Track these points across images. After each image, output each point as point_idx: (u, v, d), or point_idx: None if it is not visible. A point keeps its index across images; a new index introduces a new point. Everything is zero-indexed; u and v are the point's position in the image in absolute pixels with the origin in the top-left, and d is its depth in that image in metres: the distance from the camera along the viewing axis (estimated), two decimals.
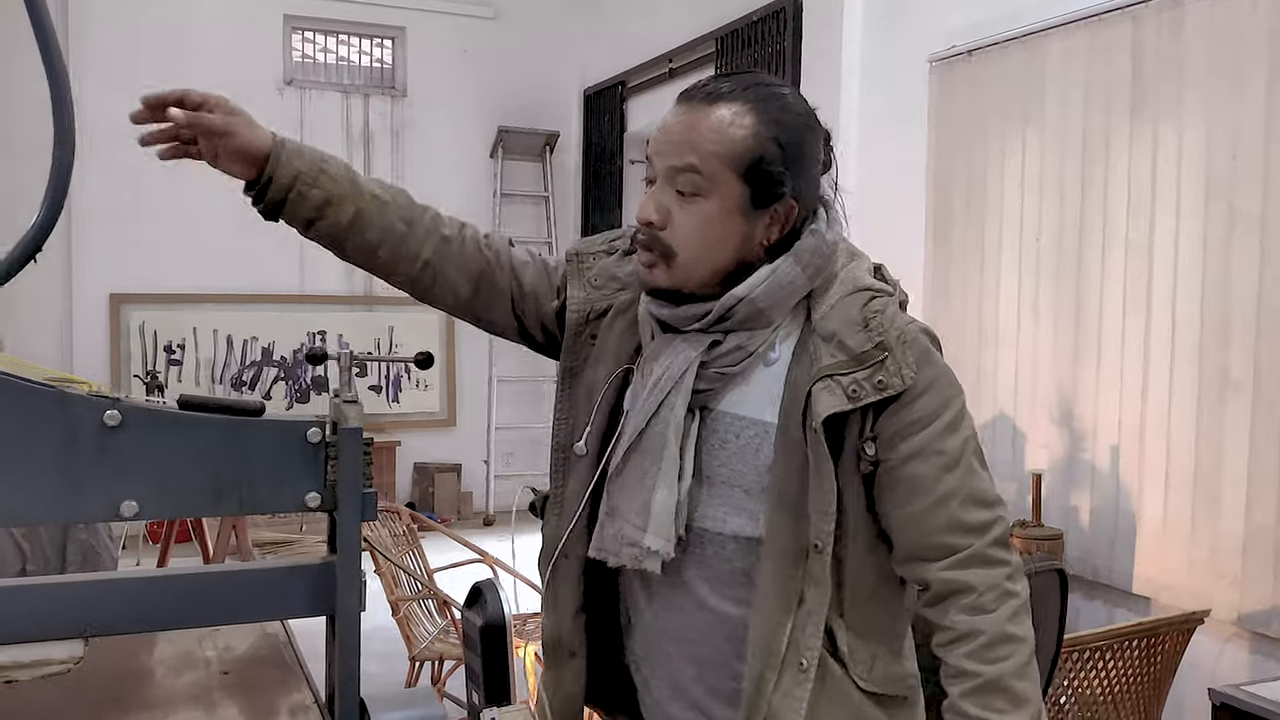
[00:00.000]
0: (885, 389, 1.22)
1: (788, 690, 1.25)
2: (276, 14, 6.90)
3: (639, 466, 1.31)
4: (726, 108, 1.25)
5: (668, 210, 1.27)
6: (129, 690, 1.41)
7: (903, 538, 1.27)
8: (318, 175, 1.34)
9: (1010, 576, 1.24)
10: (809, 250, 1.29)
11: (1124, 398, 3.32)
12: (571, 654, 1.42)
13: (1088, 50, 3.47)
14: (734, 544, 1.31)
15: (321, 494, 1.28)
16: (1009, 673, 1.20)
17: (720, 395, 1.31)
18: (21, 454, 1.16)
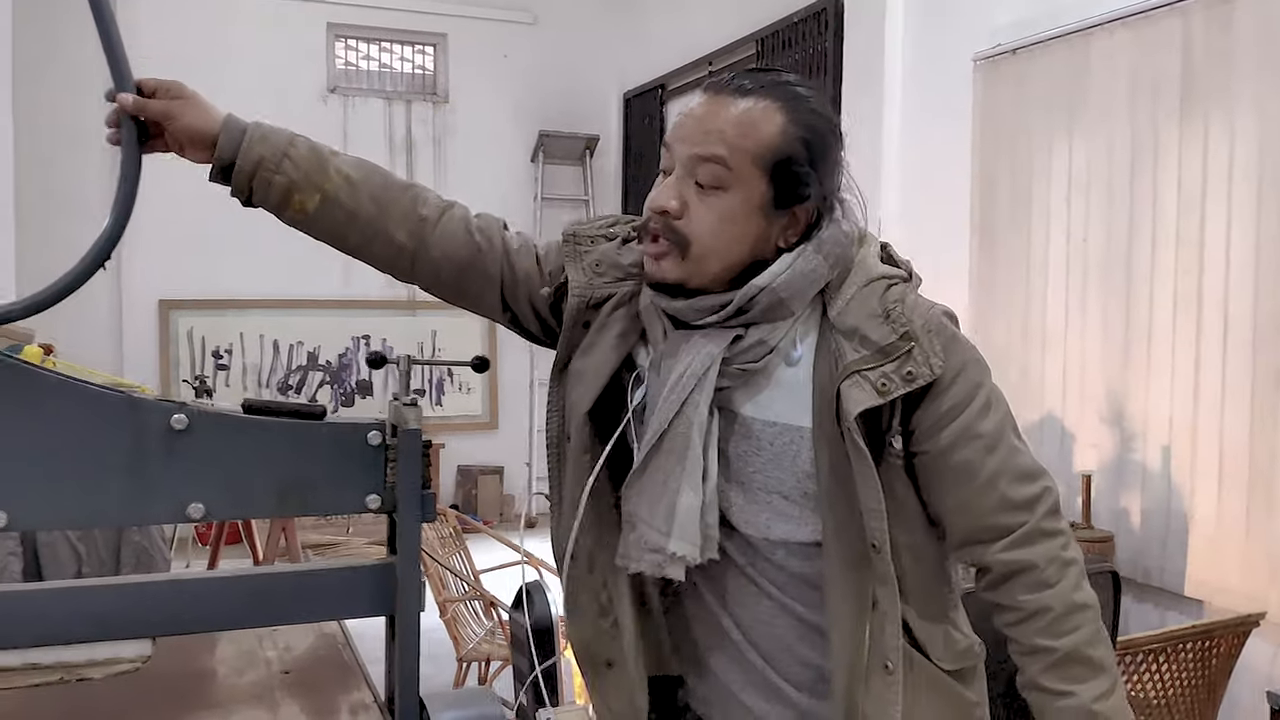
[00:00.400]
0: (914, 380, 1.20)
1: (879, 695, 1.24)
2: (320, 23, 6.99)
3: (661, 469, 1.26)
4: (756, 102, 1.23)
5: (685, 200, 1.23)
6: (193, 689, 1.44)
7: (957, 523, 1.26)
8: (280, 160, 1.33)
9: (1065, 545, 1.23)
10: (830, 240, 1.26)
11: (1175, 396, 3.28)
12: (609, 664, 1.39)
13: (1134, 46, 3.43)
14: (784, 549, 1.30)
15: (381, 495, 1.30)
16: (1083, 642, 1.20)
17: (744, 395, 1.28)
18: (92, 458, 1.19)
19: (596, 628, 1.38)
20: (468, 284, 1.40)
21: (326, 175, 1.34)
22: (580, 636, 1.40)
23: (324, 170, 1.34)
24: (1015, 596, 1.22)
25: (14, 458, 1.16)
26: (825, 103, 1.30)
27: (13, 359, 1.18)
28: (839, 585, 1.25)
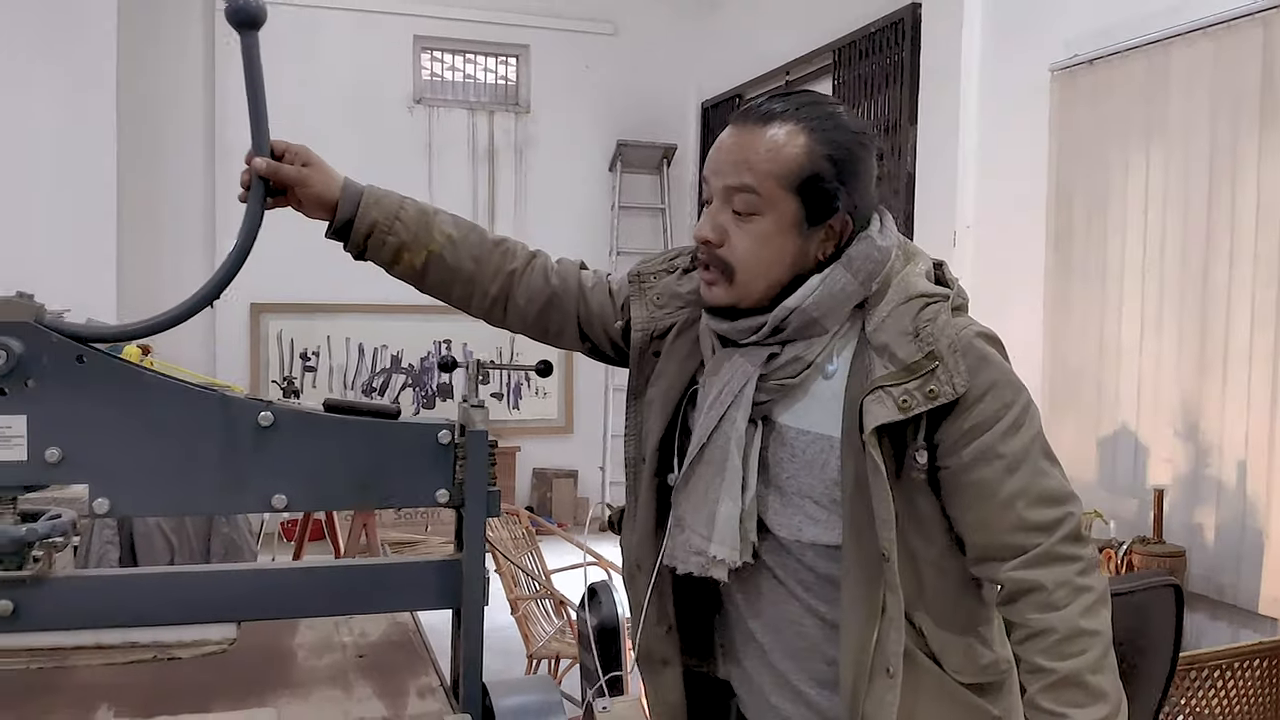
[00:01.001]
0: (936, 398, 1.24)
1: (879, 698, 1.29)
2: (406, 35, 7.18)
3: (703, 478, 1.35)
4: (779, 127, 1.29)
5: (725, 229, 1.31)
6: (275, 670, 1.54)
7: (973, 539, 1.30)
8: (393, 223, 1.46)
9: (1082, 571, 1.25)
10: (860, 257, 1.31)
11: (1252, 412, 3.24)
12: (664, 663, 1.48)
13: (1214, 58, 3.39)
14: (812, 551, 1.36)
15: (450, 490, 1.39)
16: (1084, 668, 1.22)
17: (782, 406, 1.35)
18: (186, 451, 1.30)
19: (656, 631, 1.47)
20: (549, 323, 1.54)
21: (432, 236, 1.48)
22: (644, 638, 1.48)
23: (429, 232, 1.48)
24: (1023, 615, 1.26)
25: (116, 449, 1.27)
26: (850, 118, 1.34)
27: (116, 358, 1.30)
28: (853, 589, 1.31)
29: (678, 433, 1.43)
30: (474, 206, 7.36)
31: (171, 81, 6.67)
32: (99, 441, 1.26)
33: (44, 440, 1.24)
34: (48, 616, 1.28)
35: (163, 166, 6.67)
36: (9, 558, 1.26)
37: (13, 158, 5.91)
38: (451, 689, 1.48)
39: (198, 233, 6.81)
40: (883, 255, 1.32)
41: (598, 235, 7.51)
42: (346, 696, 1.45)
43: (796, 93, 1.36)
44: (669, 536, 1.41)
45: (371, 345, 7.14)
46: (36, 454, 1.24)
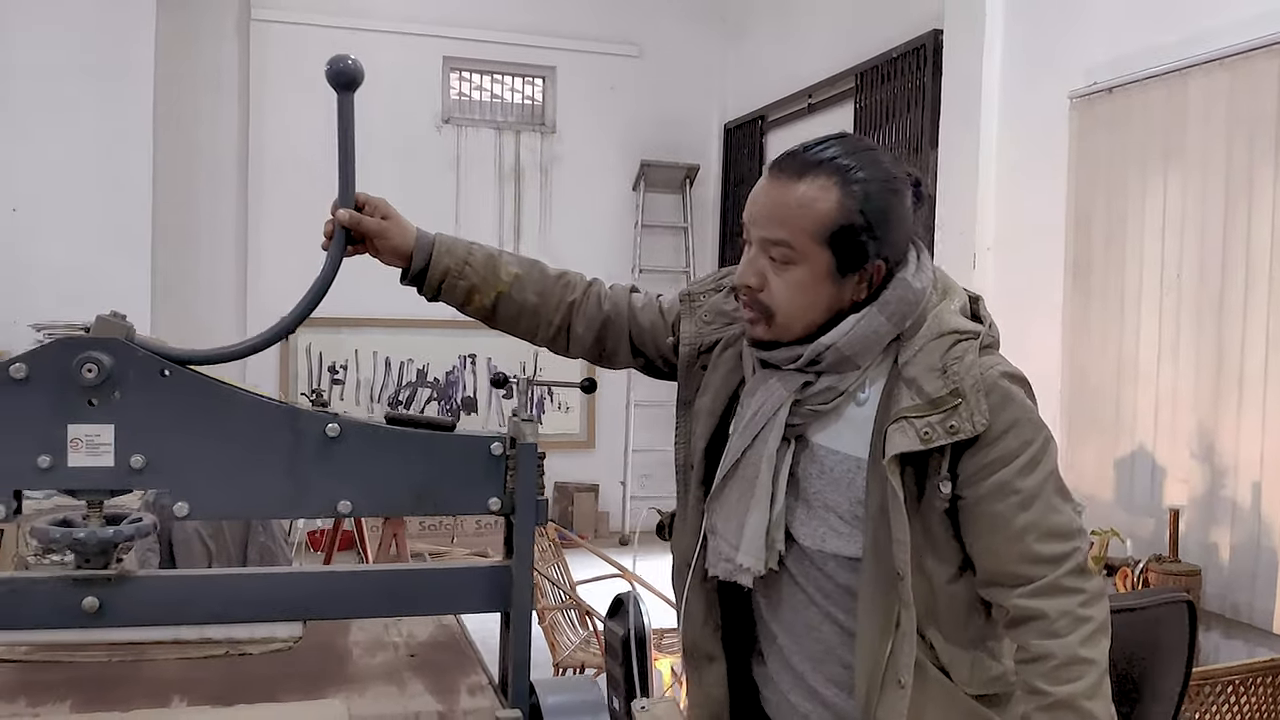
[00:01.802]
0: (956, 433, 1.31)
1: (890, 705, 1.37)
2: (436, 55, 7.32)
3: (735, 490, 1.45)
4: (813, 181, 1.36)
5: (764, 275, 1.39)
6: (332, 667, 1.63)
7: (982, 565, 1.38)
8: (463, 269, 1.58)
9: (1085, 603, 1.32)
10: (894, 300, 1.39)
11: (1267, 434, 3.30)
12: (710, 658, 1.57)
13: (1231, 87, 3.47)
14: (834, 561, 1.44)
15: (501, 499, 1.48)
16: (1079, 693, 1.29)
17: (817, 427, 1.44)
18: (258, 458, 1.40)
19: (703, 630, 1.56)
20: (604, 345, 1.66)
21: (499, 278, 1.61)
22: (690, 635, 1.58)
23: (497, 274, 1.61)
24: (1025, 639, 1.34)
25: (195, 456, 1.37)
26: (884, 162, 1.41)
27: (196, 373, 1.40)
28: (869, 602, 1.39)
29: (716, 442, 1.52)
30: (500, 224, 7.48)
31: (207, 96, 6.82)
32: (179, 449, 1.36)
33: (130, 448, 1.34)
34: (130, 613, 1.37)
35: (197, 179, 6.81)
36: (95, 557, 1.36)
37: (53, 170, 6.05)
38: (499, 687, 1.57)
39: (230, 245, 6.96)
40: (916, 296, 1.40)
41: (621, 253, 7.62)
42: (401, 693, 1.54)
43: (833, 140, 1.42)
44: (705, 543, 1.51)
45: (398, 359, 7.26)
46: (123, 461, 1.34)
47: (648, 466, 7.62)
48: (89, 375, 1.32)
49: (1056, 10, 4.34)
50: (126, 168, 6.19)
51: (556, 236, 7.57)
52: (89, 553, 1.35)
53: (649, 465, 7.63)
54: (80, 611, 1.35)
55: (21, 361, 1.32)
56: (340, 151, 1.52)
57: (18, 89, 6.00)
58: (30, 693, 1.46)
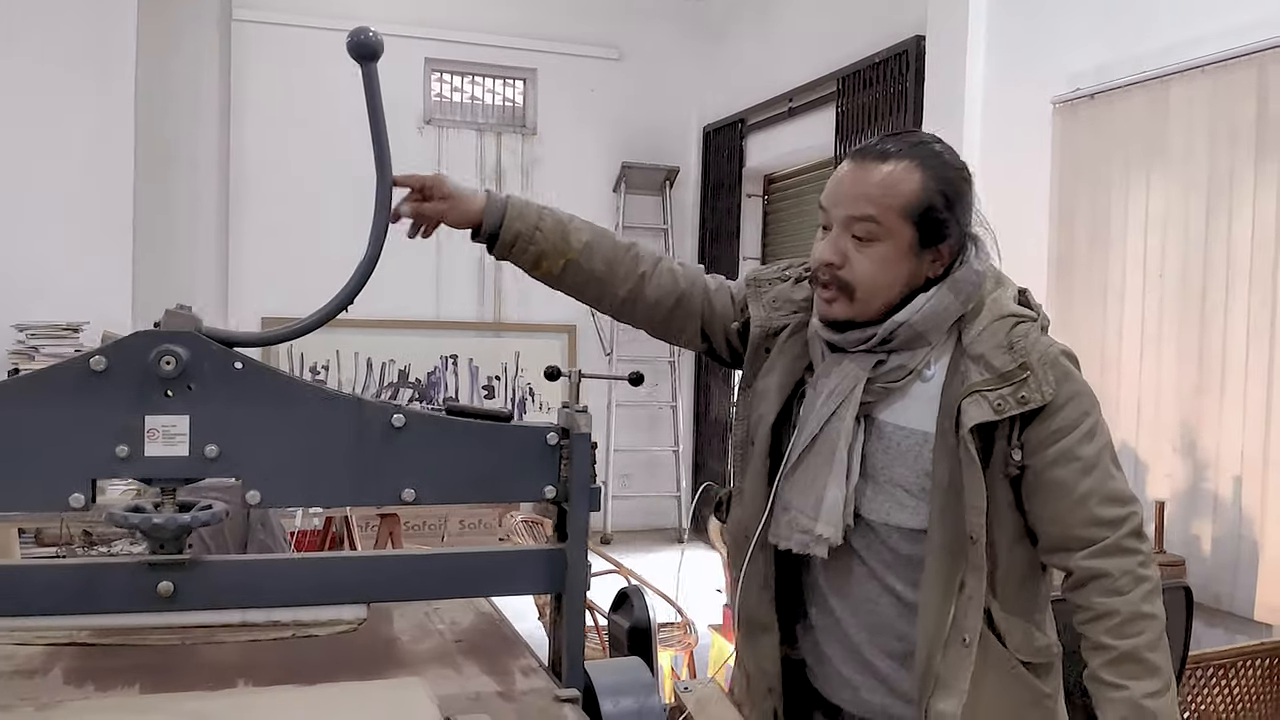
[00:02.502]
0: (1027, 403, 1.42)
1: (953, 662, 1.46)
2: (418, 57, 7.35)
3: (812, 466, 1.53)
4: (896, 164, 1.47)
5: (846, 253, 1.49)
6: (383, 652, 1.68)
7: (1048, 530, 1.47)
8: (533, 233, 1.65)
9: (1143, 563, 1.43)
10: (963, 279, 1.50)
11: (1247, 429, 3.42)
12: (764, 628, 1.65)
13: (1211, 94, 3.59)
14: (898, 534, 1.53)
15: (556, 487, 1.54)
16: (1143, 646, 1.39)
17: (883, 406, 1.53)
18: (327, 449, 1.45)
19: (760, 598, 1.64)
20: (674, 321, 1.71)
21: (569, 245, 1.67)
22: (746, 605, 1.66)
23: (566, 240, 1.67)
24: (1089, 599, 1.43)
25: (266, 446, 1.42)
26: (953, 155, 1.54)
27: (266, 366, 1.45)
28: (935, 567, 1.48)
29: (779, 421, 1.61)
30: None
31: (188, 95, 6.80)
32: (251, 439, 1.41)
33: (203, 438, 1.39)
34: (202, 597, 1.42)
35: (178, 178, 6.79)
36: (170, 543, 1.41)
37: (31, 166, 6.01)
38: (550, 669, 1.62)
39: (211, 244, 6.94)
40: (979, 278, 1.52)
41: None
42: (458, 674, 1.58)
43: (907, 132, 1.56)
44: (773, 517, 1.59)
45: (380, 359, 7.27)
46: (197, 450, 1.39)
47: (629, 466, 7.70)
48: (166, 368, 1.36)
49: (1039, 17, 4.46)
50: (107, 167, 6.16)
51: None
52: (164, 538, 1.40)
53: (630, 465, 7.71)
54: (155, 595, 1.39)
55: (102, 354, 1.36)
56: (371, 123, 1.55)
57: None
58: (97, 677, 1.49)
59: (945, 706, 1.46)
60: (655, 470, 7.84)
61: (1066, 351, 1.50)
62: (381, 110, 1.58)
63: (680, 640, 3.97)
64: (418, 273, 7.21)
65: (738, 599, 1.67)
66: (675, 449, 7.82)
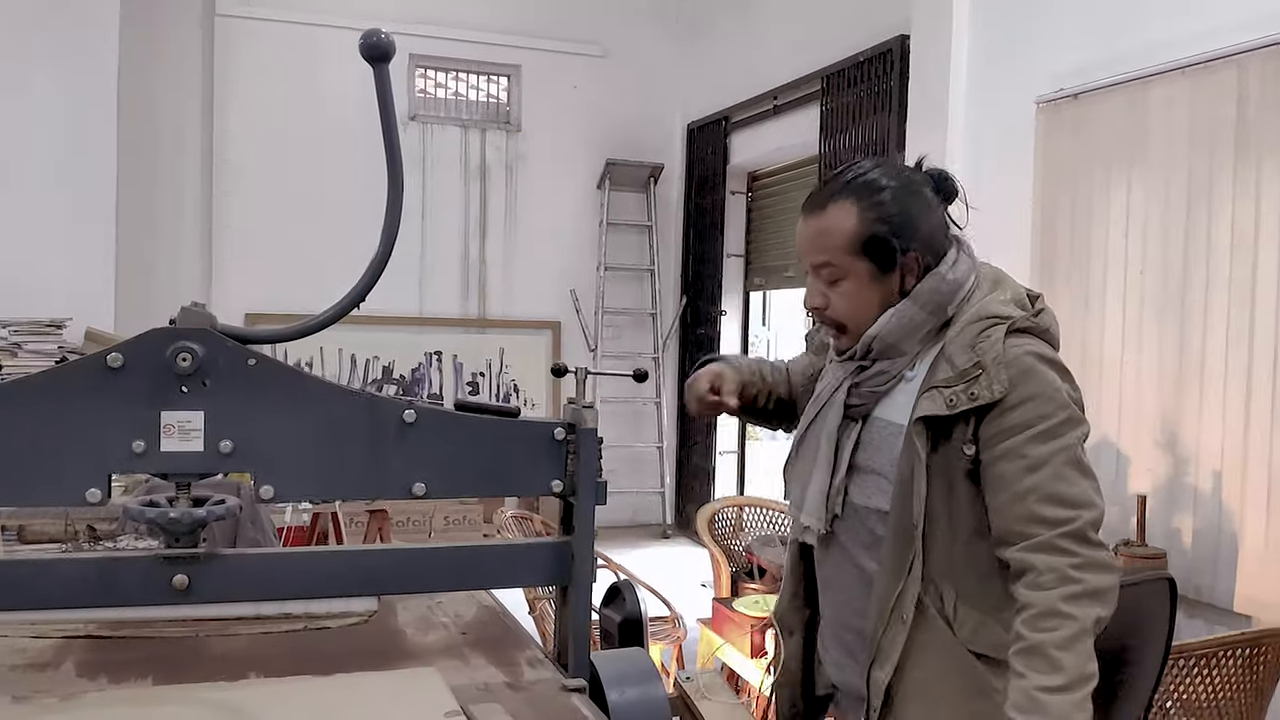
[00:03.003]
0: (976, 399, 1.51)
1: (892, 637, 1.58)
2: (402, 53, 7.31)
3: (804, 460, 1.71)
4: (834, 208, 1.62)
5: (825, 295, 1.66)
6: (391, 645, 1.70)
7: (994, 524, 1.55)
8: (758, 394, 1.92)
9: (1078, 566, 1.45)
10: (926, 291, 1.60)
11: (1227, 425, 3.49)
12: (791, 632, 1.81)
13: (1191, 95, 3.65)
14: (875, 516, 1.64)
15: (563, 481, 1.57)
16: (1050, 642, 1.43)
17: (878, 405, 1.67)
18: (340, 444, 1.47)
19: (790, 605, 1.82)
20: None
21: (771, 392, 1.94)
22: (779, 608, 1.85)
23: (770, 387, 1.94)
24: (1017, 590, 1.50)
25: (279, 442, 1.44)
26: (893, 172, 1.65)
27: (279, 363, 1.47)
28: (889, 547, 1.59)
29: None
30: (466, 222, 7.53)
31: (170, 91, 6.77)
32: (265, 435, 1.43)
33: (218, 433, 1.41)
34: (216, 590, 1.44)
35: (161, 174, 6.77)
36: (185, 537, 1.43)
37: (13, 163, 5.97)
38: (555, 660, 1.65)
39: (195, 240, 6.92)
40: (950, 287, 1.61)
41: (586, 251, 7.71)
42: (466, 665, 1.62)
43: (842, 171, 1.68)
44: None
45: (364, 356, 7.27)
46: (212, 445, 1.41)
47: (613, 462, 7.70)
48: (183, 364, 1.38)
49: (1023, 18, 4.51)
50: (90, 163, 6.12)
51: (522, 234, 7.64)
52: (180, 532, 1.42)
53: (615, 461, 7.73)
54: (170, 588, 1.41)
55: (118, 351, 1.38)
56: (383, 123, 1.57)
57: None
58: (110, 670, 1.51)
59: (879, 675, 1.59)
60: (640, 466, 7.88)
61: (1042, 354, 1.55)
62: (393, 111, 1.60)
63: (670, 634, 4.01)
64: (402, 269, 7.22)
65: (777, 604, 1.88)
66: (659, 445, 7.86)
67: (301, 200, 6.97)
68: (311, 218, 6.84)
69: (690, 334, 7.95)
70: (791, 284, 7.17)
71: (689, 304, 7.91)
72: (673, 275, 8.04)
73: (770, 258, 7.38)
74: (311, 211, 6.88)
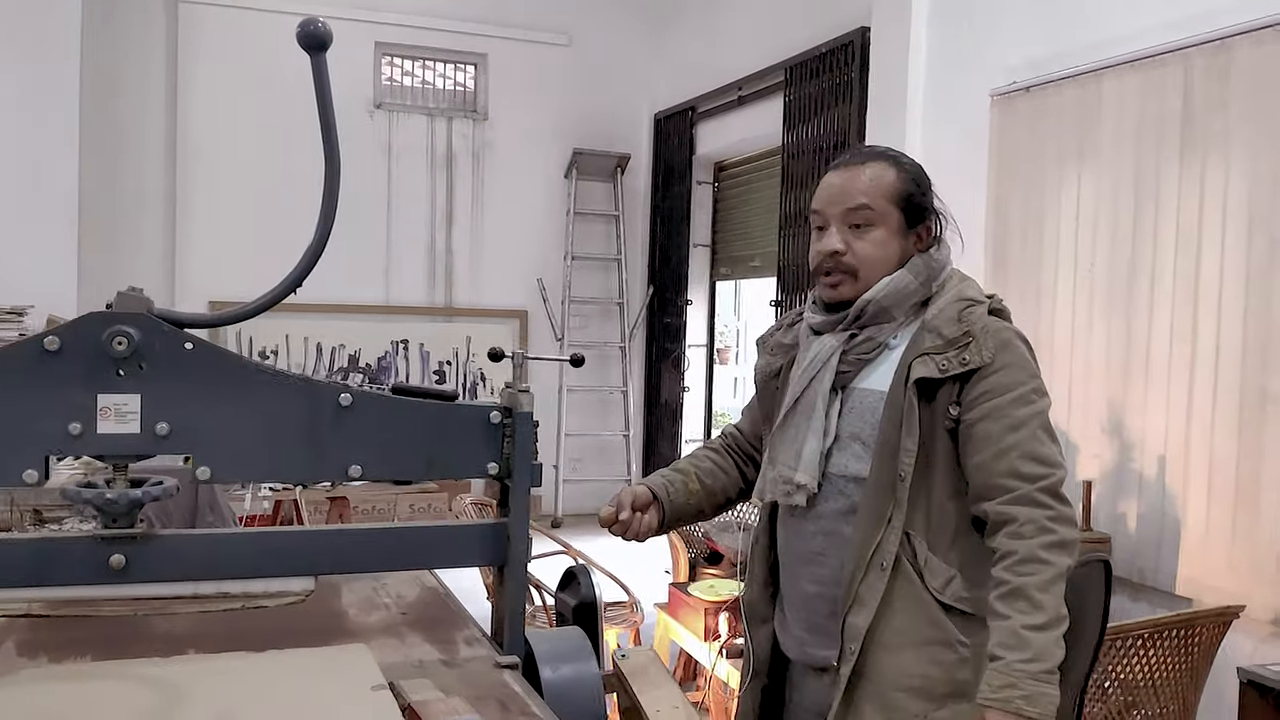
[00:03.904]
0: (967, 364, 1.63)
1: (871, 584, 1.65)
2: (368, 41, 7.33)
3: (795, 424, 1.77)
4: (875, 164, 1.76)
5: (847, 242, 1.74)
6: (333, 624, 1.73)
7: (974, 480, 1.64)
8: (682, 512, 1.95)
9: (1052, 519, 1.57)
10: (919, 265, 1.75)
11: (1170, 413, 3.56)
12: (763, 620, 1.88)
13: (1141, 89, 3.72)
14: (853, 484, 1.72)
15: (499, 464, 1.61)
16: (1032, 584, 1.53)
17: (857, 376, 1.76)
18: (277, 427, 1.50)
19: (763, 593, 1.88)
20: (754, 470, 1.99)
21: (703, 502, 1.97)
22: (749, 598, 1.91)
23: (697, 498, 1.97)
24: (997, 540, 1.60)
25: (216, 424, 1.47)
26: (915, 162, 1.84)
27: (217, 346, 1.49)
28: (869, 503, 1.68)
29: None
30: (432, 210, 7.53)
31: (134, 78, 6.74)
32: (201, 417, 1.46)
33: (155, 416, 1.44)
34: (154, 570, 1.47)
35: (124, 159, 6.73)
36: (122, 518, 1.45)
37: None
38: (492, 639, 1.69)
39: (159, 227, 6.90)
40: (937, 265, 1.76)
41: (553, 240, 7.73)
42: (403, 644, 1.65)
43: (868, 146, 1.89)
44: (761, 474, 1.83)
45: (329, 344, 7.27)
46: (149, 428, 1.44)
47: (579, 450, 7.76)
48: (119, 348, 1.41)
49: (979, 11, 4.57)
50: (51, 150, 6.08)
51: (489, 223, 7.65)
52: (117, 513, 1.44)
53: (580, 449, 7.78)
54: (108, 568, 1.44)
55: (55, 334, 1.40)
56: (320, 112, 1.60)
57: None
58: (51, 649, 1.54)
59: (857, 620, 1.65)
60: (606, 454, 7.92)
61: (1016, 331, 1.70)
62: (330, 100, 1.62)
63: (627, 619, 4.05)
64: (368, 257, 7.22)
65: (746, 592, 1.94)
66: (626, 433, 7.90)
67: (265, 187, 6.94)
68: (276, 205, 6.81)
69: (657, 323, 7.99)
70: (758, 274, 7.22)
71: (656, 293, 7.95)
72: (640, 265, 8.07)
73: (736, 248, 7.42)
74: (276, 199, 6.86)
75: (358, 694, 1.25)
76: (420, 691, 1.35)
